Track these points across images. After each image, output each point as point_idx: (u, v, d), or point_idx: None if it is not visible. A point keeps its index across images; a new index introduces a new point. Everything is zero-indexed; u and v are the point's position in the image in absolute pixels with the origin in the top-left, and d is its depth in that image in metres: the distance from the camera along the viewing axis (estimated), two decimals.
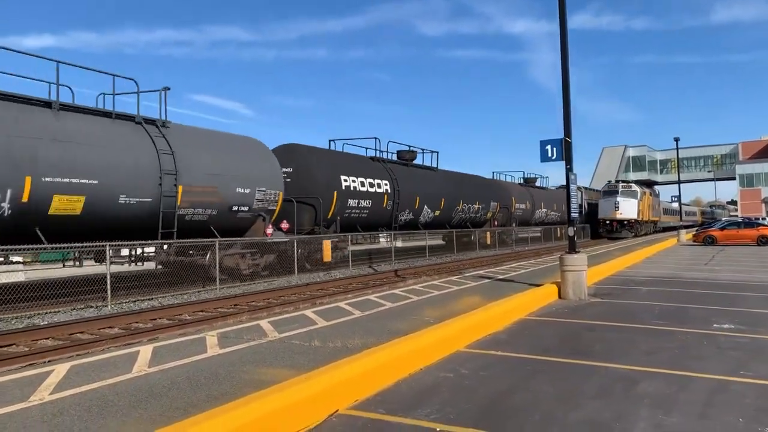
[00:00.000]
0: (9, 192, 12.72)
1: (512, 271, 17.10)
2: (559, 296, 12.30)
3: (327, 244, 21.98)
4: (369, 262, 26.11)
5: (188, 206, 16.78)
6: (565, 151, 12.80)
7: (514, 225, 41.03)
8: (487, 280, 14.55)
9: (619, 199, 50.89)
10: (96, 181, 14.35)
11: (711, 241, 35.28)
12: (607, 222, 51.26)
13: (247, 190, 18.81)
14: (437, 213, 30.48)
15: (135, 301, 14.31)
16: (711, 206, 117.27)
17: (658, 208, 62.85)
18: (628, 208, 50.77)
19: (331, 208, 22.97)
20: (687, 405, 5.31)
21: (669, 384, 5.97)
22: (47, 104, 14.05)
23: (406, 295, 11.90)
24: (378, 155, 27.54)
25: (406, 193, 27.38)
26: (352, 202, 24.01)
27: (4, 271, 17.39)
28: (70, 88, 14.89)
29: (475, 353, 7.46)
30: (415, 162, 30.17)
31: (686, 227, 49.34)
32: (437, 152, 31.83)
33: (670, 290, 13.56)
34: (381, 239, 32.67)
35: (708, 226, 43.27)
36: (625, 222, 50.91)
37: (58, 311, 12.70)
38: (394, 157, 29.02)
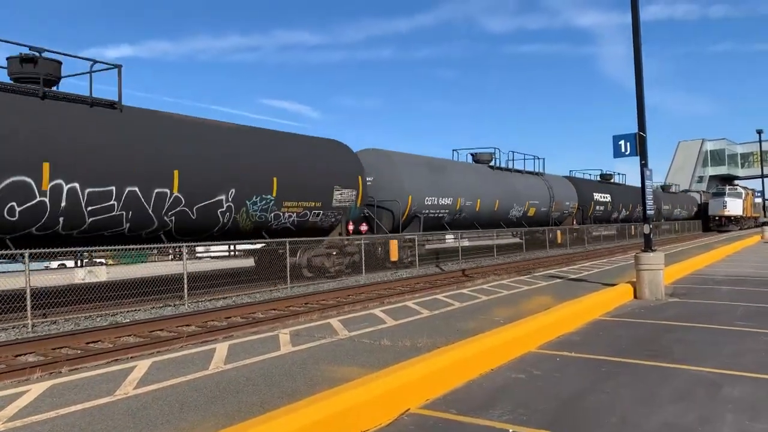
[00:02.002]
0: (479, 201, 27.69)
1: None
2: (635, 296, 11.91)
3: (394, 245, 22.20)
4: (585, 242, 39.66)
5: (553, 212, 35.30)
6: (639, 146, 12.39)
7: (662, 220, 55.17)
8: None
9: (726, 198, 62.00)
10: (538, 201, 33.03)
11: None
12: (717, 218, 62.07)
13: (568, 203, 37.32)
14: (626, 213, 47.60)
15: (210, 300, 14.79)
16: None
17: (758, 205, 71.49)
18: (734, 206, 61.69)
19: (590, 210, 40.48)
20: None
21: (756, 388, 5.69)
22: (492, 167, 30.96)
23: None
24: (596, 178, 46.55)
25: (616, 201, 44.63)
26: (597, 207, 41.65)
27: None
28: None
29: (548, 354, 7.32)
30: (612, 180, 48.07)
31: None
32: (625, 174, 48.55)
33: (753, 290, 12.91)
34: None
35: None
36: (732, 218, 61.58)
37: (139, 309, 13.27)
38: (588, 176, 45.74)
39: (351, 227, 20.49)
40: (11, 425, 4.47)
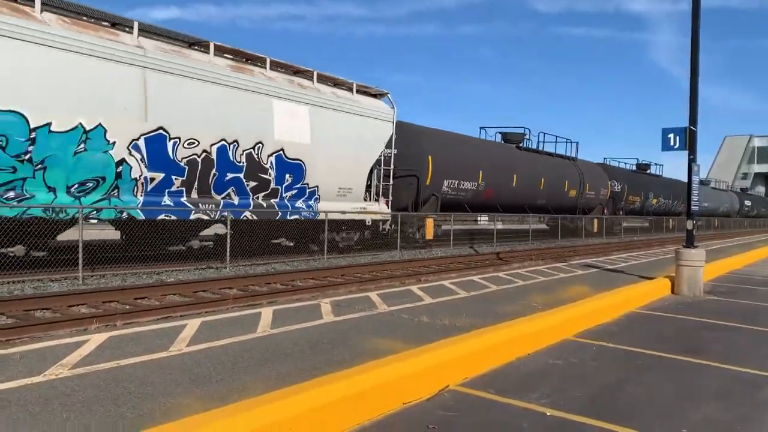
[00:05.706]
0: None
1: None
2: (673, 291, 11.85)
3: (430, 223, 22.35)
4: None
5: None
6: (689, 140, 12.18)
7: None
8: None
9: None
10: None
11: None
12: None
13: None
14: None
15: (251, 265, 15.14)
16: None
17: None
18: None
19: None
20: None
21: None
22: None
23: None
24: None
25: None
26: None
27: None
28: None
29: (585, 343, 7.40)
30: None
31: None
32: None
33: None
34: None
35: None
36: None
37: (183, 269, 13.67)
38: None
39: None
40: (76, 371, 4.76)
